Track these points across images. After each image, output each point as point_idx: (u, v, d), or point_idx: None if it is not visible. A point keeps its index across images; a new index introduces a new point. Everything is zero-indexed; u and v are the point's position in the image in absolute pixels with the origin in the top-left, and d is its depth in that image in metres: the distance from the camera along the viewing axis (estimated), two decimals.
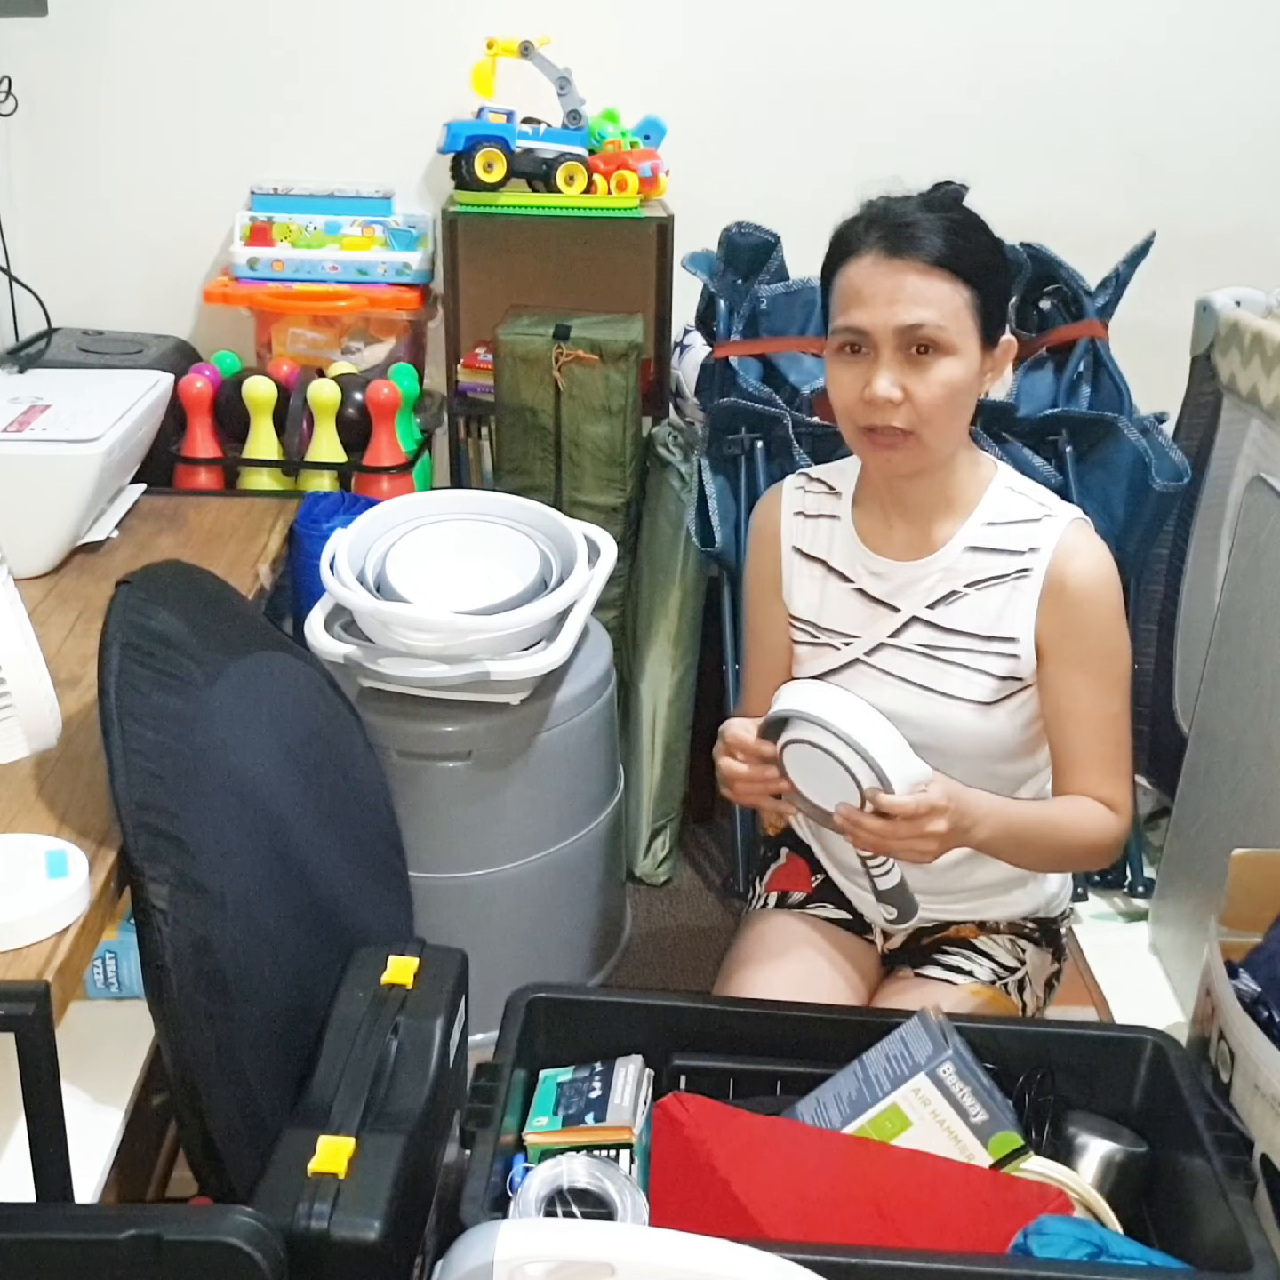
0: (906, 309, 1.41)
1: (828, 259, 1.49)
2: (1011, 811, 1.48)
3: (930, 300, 1.41)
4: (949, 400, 1.44)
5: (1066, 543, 1.50)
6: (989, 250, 1.47)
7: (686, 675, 2.47)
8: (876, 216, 1.45)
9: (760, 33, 2.62)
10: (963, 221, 1.45)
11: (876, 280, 1.42)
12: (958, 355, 1.43)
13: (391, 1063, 1.38)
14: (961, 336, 1.43)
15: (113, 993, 1.61)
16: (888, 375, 1.42)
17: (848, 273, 1.45)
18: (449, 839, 1.96)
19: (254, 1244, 1.10)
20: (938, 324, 1.41)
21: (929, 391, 1.42)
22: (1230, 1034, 1.45)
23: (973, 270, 1.43)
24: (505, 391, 2.41)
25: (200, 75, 2.62)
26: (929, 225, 1.42)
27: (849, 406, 1.47)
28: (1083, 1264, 1.24)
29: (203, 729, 1.41)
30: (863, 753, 1.35)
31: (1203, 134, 2.70)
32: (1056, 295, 2.38)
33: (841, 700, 1.40)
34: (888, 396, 1.42)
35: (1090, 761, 1.53)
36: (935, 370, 1.42)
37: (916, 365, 1.42)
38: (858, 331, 1.43)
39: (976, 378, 1.46)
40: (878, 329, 1.42)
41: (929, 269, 1.41)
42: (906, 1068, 1.37)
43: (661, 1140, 1.37)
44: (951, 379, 1.43)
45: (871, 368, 1.43)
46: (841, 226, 1.48)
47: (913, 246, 1.41)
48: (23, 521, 1.88)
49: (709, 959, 2.24)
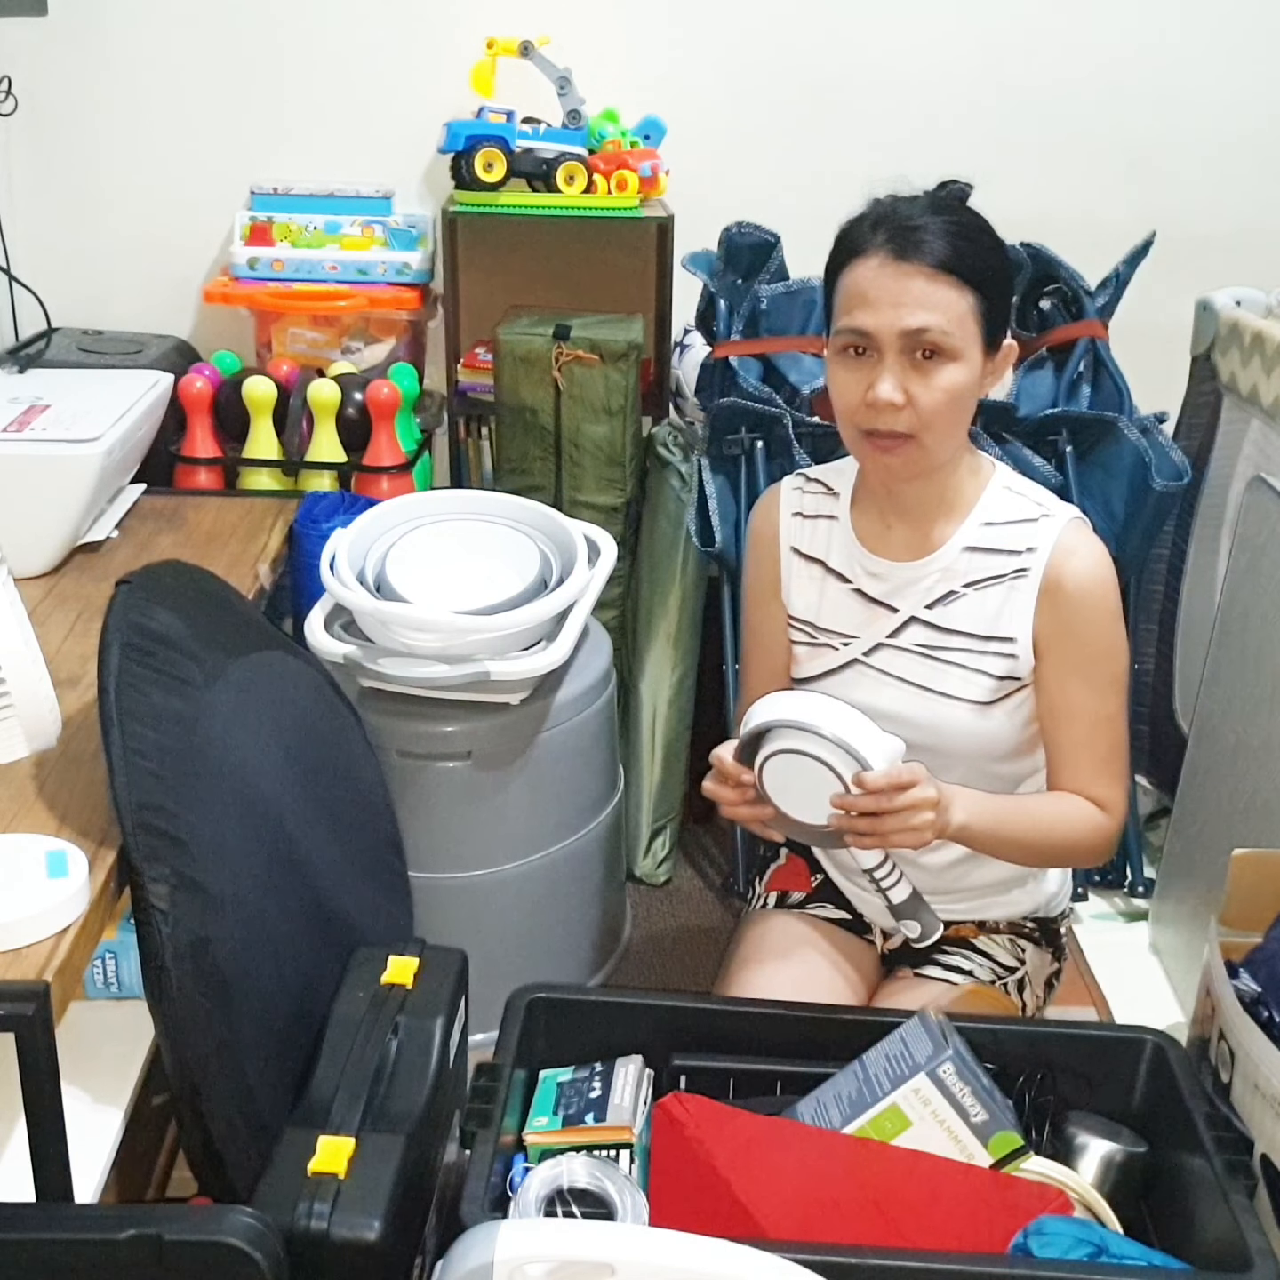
0: (912, 313, 1.40)
1: (832, 257, 1.48)
2: (988, 798, 1.50)
3: (936, 305, 1.41)
4: (951, 405, 1.44)
5: (1064, 542, 1.50)
6: (994, 255, 1.47)
7: (686, 675, 2.47)
8: (883, 217, 1.44)
9: (760, 33, 2.62)
10: (969, 225, 1.45)
11: (882, 282, 1.41)
12: (961, 360, 1.43)
13: (391, 1063, 1.38)
14: (965, 342, 1.42)
15: (113, 993, 1.60)
16: (891, 379, 1.42)
17: (853, 273, 1.44)
18: (449, 839, 1.96)
19: (254, 1244, 1.10)
20: (942, 329, 1.41)
21: (931, 396, 1.42)
22: (1230, 1034, 1.45)
23: (978, 276, 1.42)
24: (505, 391, 2.41)
25: (200, 75, 2.62)
26: (936, 229, 1.41)
27: (850, 409, 1.47)
28: (1083, 1264, 1.23)
29: (203, 729, 1.41)
30: (834, 739, 1.36)
31: (1203, 134, 2.70)
32: (1056, 295, 2.38)
33: (799, 698, 1.42)
34: (890, 400, 1.42)
35: (1083, 761, 1.53)
36: (938, 375, 1.42)
37: (919, 370, 1.42)
38: (862, 334, 1.43)
39: (978, 382, 1.46)
40: (882, 332, 1.42)
41: (935, 274, 1.40)
42: (906, 1068, 1.37)
43: (661, 1140, 1.37)
44: (954, 384, 1.43)
45: (874, 371, 1.43)
46: (847, 225, 1.48)
47: (920, 250, 1.41)
48: (23, 521, 1.88)
49: (709, 959, 2.24)
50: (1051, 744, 1.56)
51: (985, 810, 1.47)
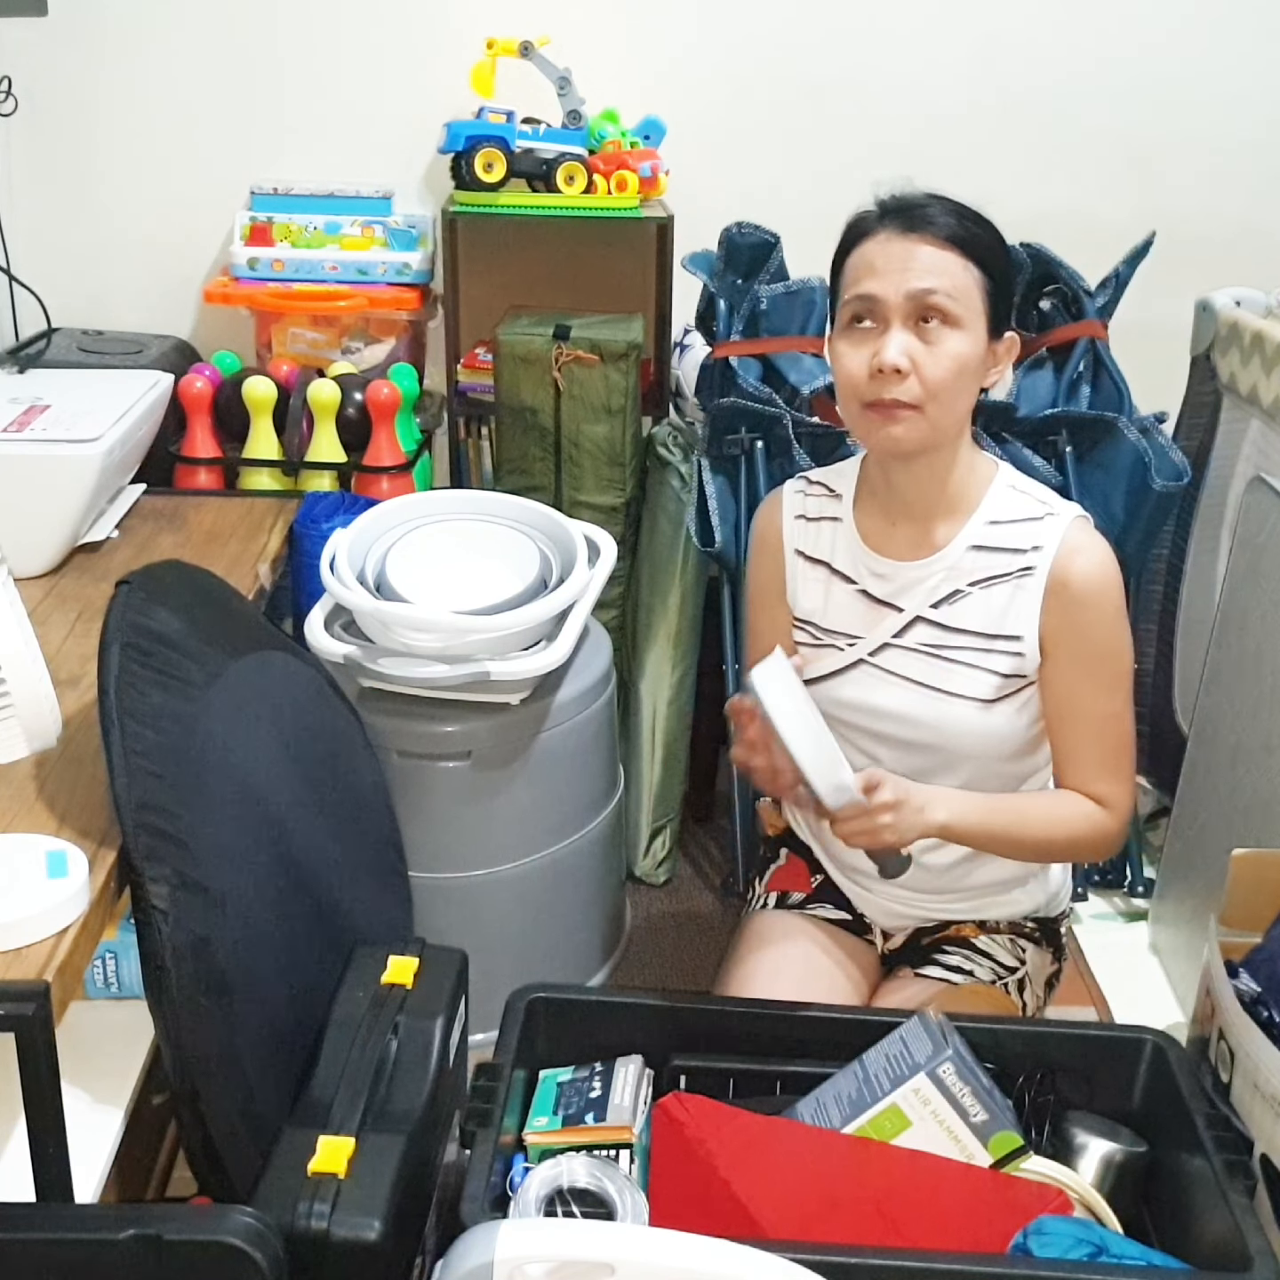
0: (919, 276, 1.42)
1: (840, 245, 1.50)
2: (975, 797, 1.51)
3: (943, 271, 1.42)
4: (956, 375, 1.44)
5: (1070, 541, 1.51)
6: (999, 244, 1.49)
7: (686, 675, 2.47)
8: (890, 205, 1.47)
9: (760, 33, 2.62)
10: (975, 214, 1.48)
11: (890, 250, 1.43)
12: (966, 330, 1.43)
13: (391, 1063, 1.38)
14: (970, 313, 1.43)
15: (113, 993, 1.60)
16: (897, 343, 1.42)
17: (860, 250, 1.46)
18: (449, 839, 1.96)
19: (254, 1244, 1.10)
20: (948, 292, 1.42)
21: (938, 364, 1.43)
22: (1230, 1034, 1.45)
23: (984, 254, 1.44)
24: (505, 391, 2.41)
25: (200, 75, 2.62)
26: (942, 208, 1.45)
27: (855, 380, 1.46)
28: (1083, 1264, 1.23)
29: (203, 729, 1.41)
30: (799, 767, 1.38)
31: (1203, 135, 2.70)
32: (1056, 295, 2.38)
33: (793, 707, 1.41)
34: (896, 363, 1.42)
35: (1087, 758, 1.54)
36: (944, 343, 1.43)
37: (925, 337, 1.43)
38: (869, 299, 1.44)
39: (982, 362, 1.47)
40: (889, 295, 1.42)
41: (943, 244, 1.43)
42: (906, 1068, 1.37)
43: (661, 1140, 1.37)
44: (960, 353, 1.43)
45: (880, 339, 1.43)
46: (855, 216, 1.50)
47: (928, 224, 1.43)
48: (23, 521, 1.88)
49: (709, 959, 2.24)
50: (1057, 741, 1.56)
51: (971, 809, 1.48)
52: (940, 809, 1.44)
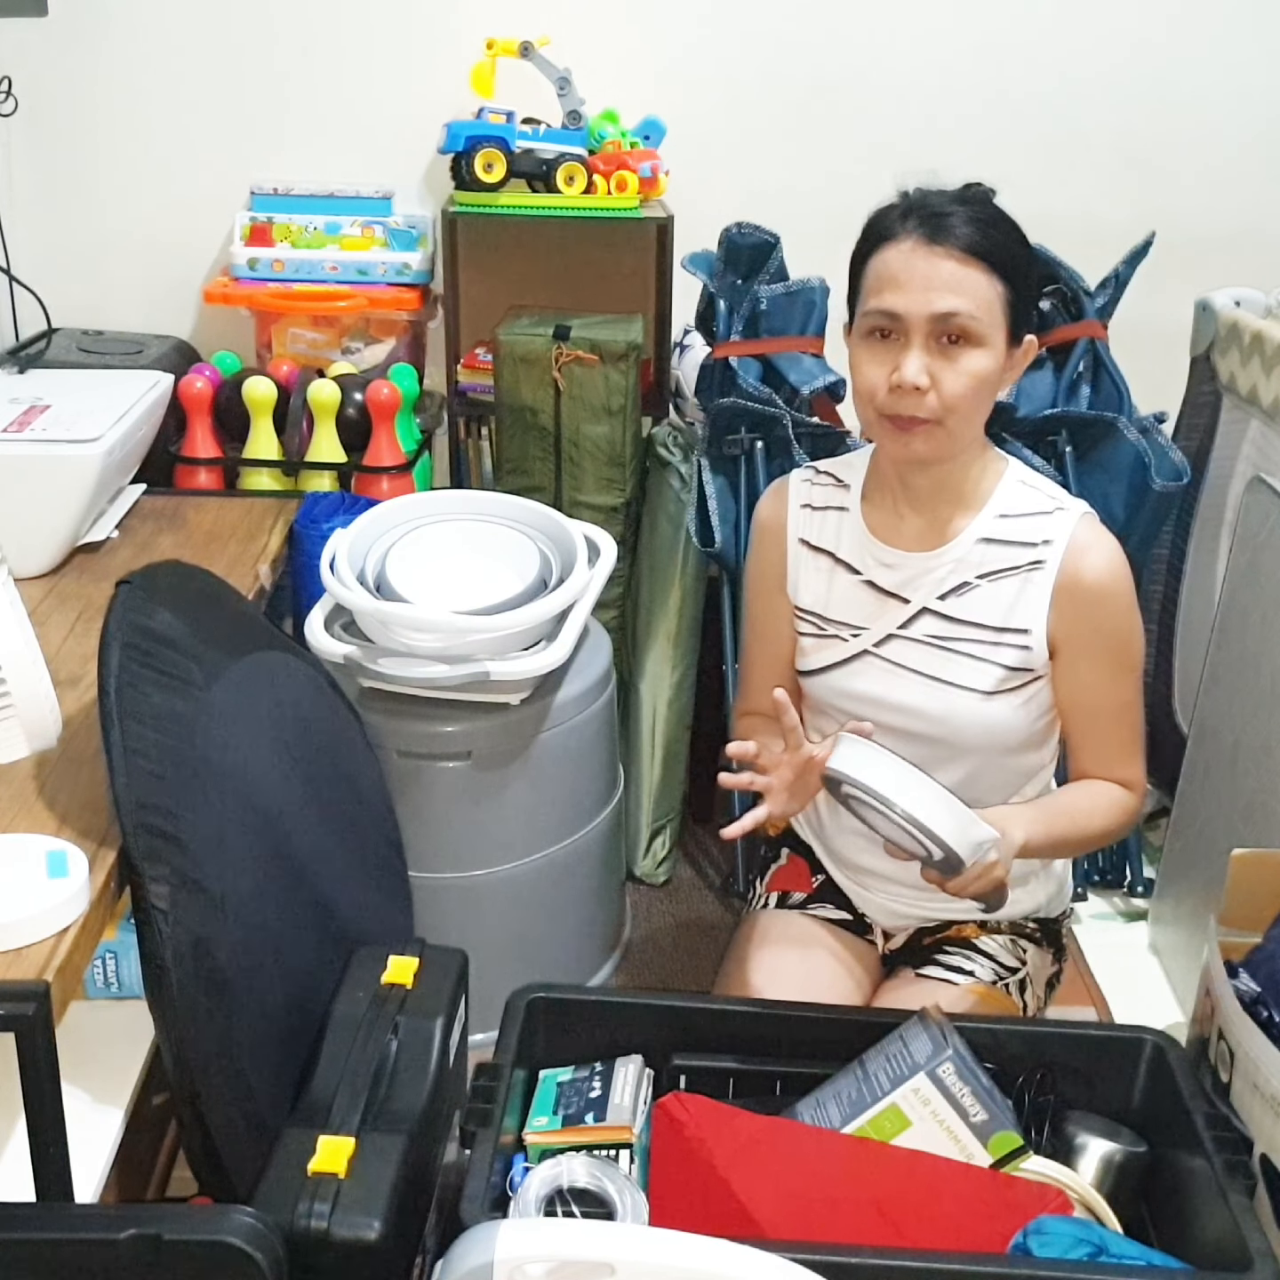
0: (942, 296, 1.41)
1: (861, 243, 1.49)
2: (1033, 809, 1.51)
3: (966, 290, 1.41)
4: (975, 392, 1.44)
5: (1080, 537, 1.51)
6: (1021, 248, 1.48)
7: (686, 675, 2.47)
8: (914, 205, 1.46)
9: (760, 33, 2.62)
10: (998, 217, 1.47)
11: (914, 265, 1.42)
12: (987, 347, 1.43)
13: (391, 1063, 1.38)
14: (992, 329, 1.43)
15: (113, 993, 1.60)
16: (917, 361, 1.42)
17: (884, 256, 1.45)
18: (449, 839, 1.96)
19: (254, 1244, 1.10)
20: (971, 314, 1.41)
21: (957, 382, 1.42)
22: (1230, 1034, 1.45)
23: (1007, 265, 1.43)
24: (505, 392, 2.41)
25: (200, 75, 2.62)
26: (967, 216, 1.43)
27: (873, 392, 1.46)
28: (1083, 1264, 1.24)
29: (203, 729, 1.41)
30: (935, 840, 1.34)
31: (1203, 135, 2.70)
32: (1056, 295, 2.38)
33: (908, 781, 1.36)
34: (915, 382, 1.42)
35: (1108, 747, 1.56)
36: (964, 361, 1.42)
37: (946, 354, 1.42)
38: (891, 315, 1.43)
39: (1000, 372, 1.46)
40: (912, 314, 1.42)
41: (966, 258, 1.41)
42: (906, 1067, 1.37)
43: (661, 1140, 1.37)
44: (980, 370, 1.43)
45: (901, 354, 1.43)
46: (877, 213, 1.48)
47: (951, 235, 1.42)
48: (23, 521, 1.88)
49: (709, 959, 2.24)
50: (1075, 732, 1.58)
51: (1037, 821, 1.47)
52: (1016, 829, 1.43)
